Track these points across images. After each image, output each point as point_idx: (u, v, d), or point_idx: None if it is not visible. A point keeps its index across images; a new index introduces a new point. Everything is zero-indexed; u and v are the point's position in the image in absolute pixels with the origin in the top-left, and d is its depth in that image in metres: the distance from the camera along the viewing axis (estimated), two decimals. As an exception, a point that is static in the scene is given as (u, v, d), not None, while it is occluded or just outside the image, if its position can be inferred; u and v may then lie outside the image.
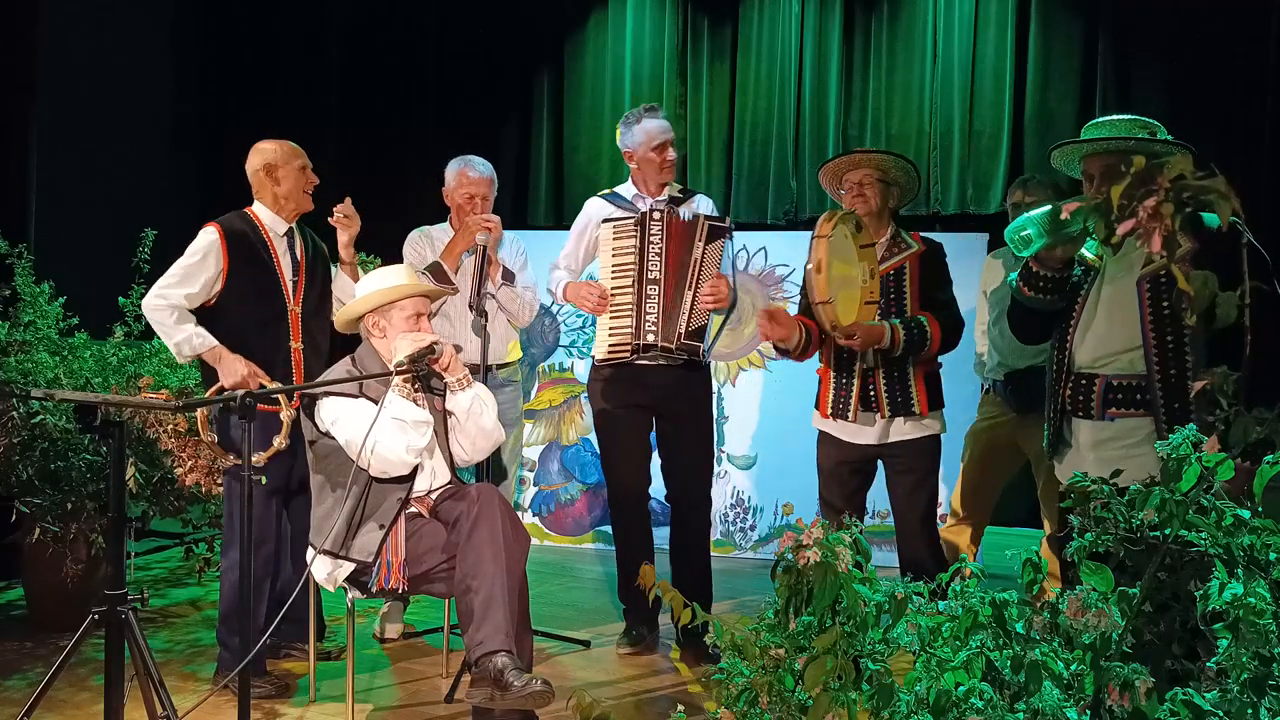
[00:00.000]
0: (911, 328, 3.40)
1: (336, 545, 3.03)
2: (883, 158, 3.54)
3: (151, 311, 3.36)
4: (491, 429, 3.24)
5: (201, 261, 3.37)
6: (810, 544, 1.71)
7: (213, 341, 3.35)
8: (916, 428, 3.49)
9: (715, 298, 3.70)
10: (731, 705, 1.73)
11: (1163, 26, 5.51)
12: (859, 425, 3.50)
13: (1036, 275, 2.93)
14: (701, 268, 3.72)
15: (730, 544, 5.40)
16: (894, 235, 3.55)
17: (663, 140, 3.84)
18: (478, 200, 3.93)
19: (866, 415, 3.49)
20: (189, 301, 3.36)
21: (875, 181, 3.50)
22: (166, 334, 3.36)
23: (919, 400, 3.46)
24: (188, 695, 3.31)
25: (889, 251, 3.52)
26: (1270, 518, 1.63)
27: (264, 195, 3.51)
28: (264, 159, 3.49)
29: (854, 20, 6.11)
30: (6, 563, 4.44)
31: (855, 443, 3.53)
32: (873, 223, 3.50)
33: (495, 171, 4.09)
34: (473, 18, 6.66)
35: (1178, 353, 2.80)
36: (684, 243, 3.73)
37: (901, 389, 3.46)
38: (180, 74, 6.56)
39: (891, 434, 3.50)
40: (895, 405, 3.46)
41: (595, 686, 3.52)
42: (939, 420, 3.54)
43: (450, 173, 4.02)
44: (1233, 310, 1.67)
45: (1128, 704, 1.50)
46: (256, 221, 3.49)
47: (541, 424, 5.73)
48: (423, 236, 4.03)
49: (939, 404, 3.54)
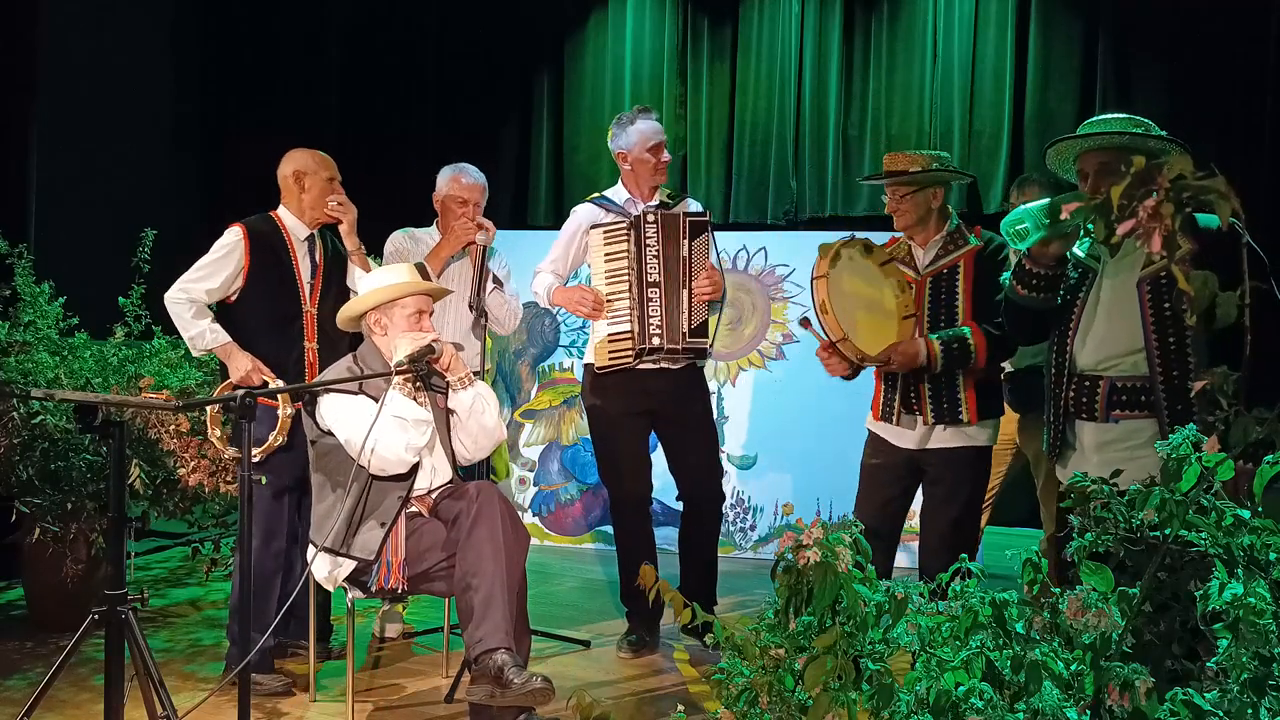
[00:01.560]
0: (951, 345, 3.21)
1: (337, 543, 3.04)
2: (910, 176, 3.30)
3: (172, 304, 3.48)
4: (493, 427, 3.25)
5: (224, 259, 3.49)
6: (810, 544, 1.71)
7: (225, 338, 3.47)
8: (958, 437, 3.29)
9: (713, 288, 3.72)
10: (731, 705, 1.73)
11: (1163, 26, 5.52)
12: (901, 428, 3.35)
13: (1030, 273, 2.93)
14: (692, 264, 3.74)
15: (730, 544, 5.40)
16: (950, 233, 3.35)
17: (657, 141, 3.84)
18: (469, 206, 3.93)
19: (909, 419, 3.33)
20: (209, 297, 3.49)
21: (904, 195, 3.31)
22: (183, 327, 3.48)
23: (968, 408, 3.26)
24: (188, 695, 3.31)
25: (943, 250, 3.34)
26: (1270, 518, 1.63)
27: (290, 200, 3.62)
28: (294, 166, 3.60)
29: (854, 20, 6.11)
30: (6, 563, 4.44)
31: (897, 445, 3.37)
32: (919, 227, 3.34)
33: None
34: (473, 18, 6.67)
35: (1180, 354, 2.79)
36: (676, 243, 3.75)
37: (949, 395, 3.27)
38: (180, 74, 6.56)
39: (932, 441, 3.31)
40: (940, 412, 3.27)
41: (595, 686, 3.52)
42: (988, 431, 3.34)
43: (443, 178, 4.01)
44: (1233, 310, 1.66)
45: (1128, 704, 1.50)
46: (280, 224, 3.60)
47: (541, 424, 5.73)
48: (407, 237, 4.01)
49: (992, 413, 3.34)
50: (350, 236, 3.67)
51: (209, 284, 3.47)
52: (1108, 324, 2.88)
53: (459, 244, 3.86)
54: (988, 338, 3.22)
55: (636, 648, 3.86)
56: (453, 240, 3.86)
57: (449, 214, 3.96)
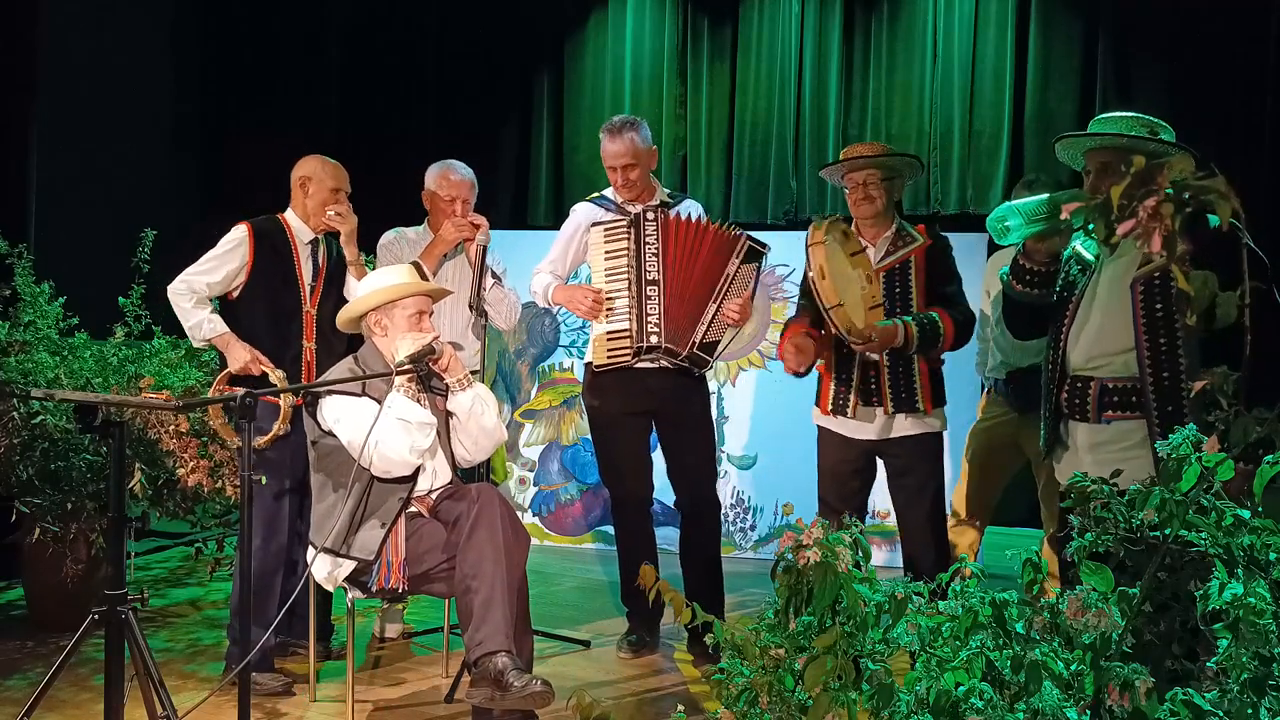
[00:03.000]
0: (924, 324, 3.33)
1: (337, 543, 3.04)
2: (885, 159, 3.48)
3: (174, 295, 3.54)
4: (493, 428, 3.25)
5: (228, 254, 3.57)
6: (810, 544, 1.71)
7: (224, 328, 3.53)
8: (918, 424, 3.43)
9: (740, 316, 3.72)
10: (731, 705, 1.73)
11: (1163, 26, 5.52)
12: (859, 421, 3.45)
13: (1024, 269, 2.95)
14: (732, 284, 3.73)
15: (730, 544, 5.40)
16: (898, 230, 3.49)
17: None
18: (458, 203, 3.93)
19: (866, 410, 3.43)
20: (210, 289, 3.56)
21: (879, 181, 3.44)
22: (183, 316, 3.55)
23: (923, 396, 3.40)
24: (188, 695, 3.31)
25: (893, 246, 3.46)
26: (1270, 518, 1.63)
27: (296, 203, 3.69)
28: (302, 171, 3.68)
29: (854, 20, 6.11)
30: (6, 563, 4.44)
31: (855, 438, 3.48)
32: (878, 220, 3.47)
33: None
34: (473, 18, 6.66)
35: (1171, 356, 2.78)
36: (690, 245, 3.72)
37: (906, 383, 3.40)
38: (180, 74, 6.56)
39: (893, 430, 3.43)
40: (899, 400, 3.39)
41: (595, 686, 3.52)
42: (941, 418, 3.49)
43: (431, 175, 4.01)
44: (1233, 310, 1.66)
45: (1128, 704, 1.50)
46: (285, 226, 3.66)
47: (541, 424, 5.73)
48: (398, 238, 4.00)
49: (942, 400, 3.48)
50: (349, 246, 3.69)
51: (210, 277, 3.54)
52: (1100, 323, 2.88)
53: (452, 242, 3.85)
54: (954, 321, 3.35)
55: (636, 648, 3.86)
56: (445, 239, 3.86)
57: (437, 211, 3.96)
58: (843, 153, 3.59)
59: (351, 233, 3.67)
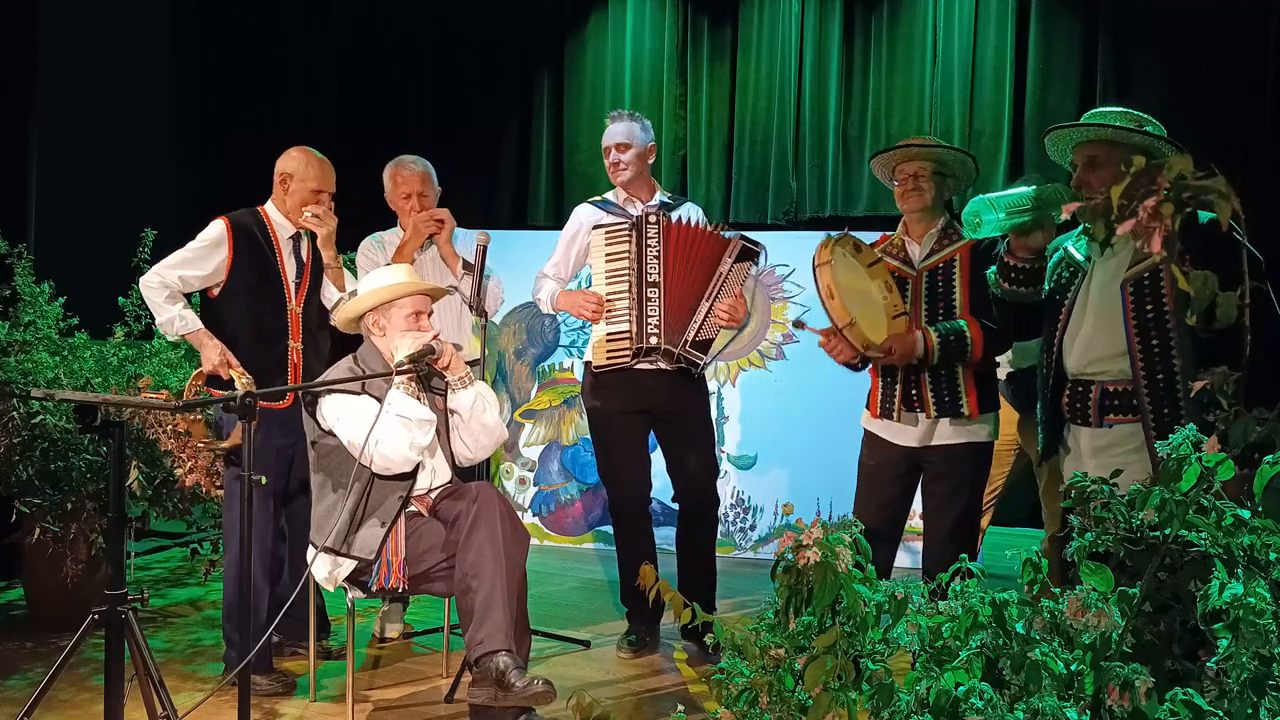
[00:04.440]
0: (949, 337, 3.18)
1: (338, 542, 3.04)
2: (941, 151, 3.33)
3: (146, 288, 3.47)
4: (494, 426, 3.26)
5: (205, 249, 3.47)
6: (810, 544, 1.71)
7: (197, 324, 3.46)
8: (961, 432, 3.25)
9: (731, 317, 3.71)
10: (731, 705, 1.73)
11: (1163, 26, 5.51)
12: (902, 425, 3.30)
13: (1009, 266, 2.94)
14: (724, 283, 3.73)
15: (730, 544, 5.40)
16: (945, 226, 3.33)
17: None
18: (415, 198, 3.91)
19: (910, 415, 3.27)
20: (183, 284, 3.46)
21: (930, 174, 3.29)
22: (156, 311, 3.47)
23: (968, 401, 3.22)
24: (188, 695, 3.31)
25: (938, 244, 3.32)
26: (1270, 518, 1.63)
27: (276, 198, 3.59)
28: (284, 167, 3.58)
29: (854, 20, 6.11)
30: (6, 563, 4.44)
31: (897, 443, 3.32)
32: (925, 215, 3.33)
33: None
34: (472, 18, 6.66)
35: (1164, 357, 2.76)
36: (689, 247, 3.73)
37: (949, 387, 3.23)
38: (180, 74, 6.55)
39: (935, 437, 3.26)
40: (942, 405, 3.23)
41: (595, 686, 3.52)
42: (989, 425, 3.29)
43: (385, 177, 4.01)
44: (1232, 310, 1.67)
45: (1128, 704, 1.50)
46: (266, 220, 3.56)
47: (541, 424, 5.73)
48: (375, 243, 3.98)
49: (991, 405, 3.29)
50: (327, 249, 3.59)
51: (184, 271, 3.44)
52: (1093, 326, 2.88)
53: (420, 238, 3.84)
54: (984, 331, 3.20)
55: (636, 648, 3.86)
56: (414, 236, 3.84)
57: (400, 211, 3.96)
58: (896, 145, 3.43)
59: (329, 235, 3.57)
